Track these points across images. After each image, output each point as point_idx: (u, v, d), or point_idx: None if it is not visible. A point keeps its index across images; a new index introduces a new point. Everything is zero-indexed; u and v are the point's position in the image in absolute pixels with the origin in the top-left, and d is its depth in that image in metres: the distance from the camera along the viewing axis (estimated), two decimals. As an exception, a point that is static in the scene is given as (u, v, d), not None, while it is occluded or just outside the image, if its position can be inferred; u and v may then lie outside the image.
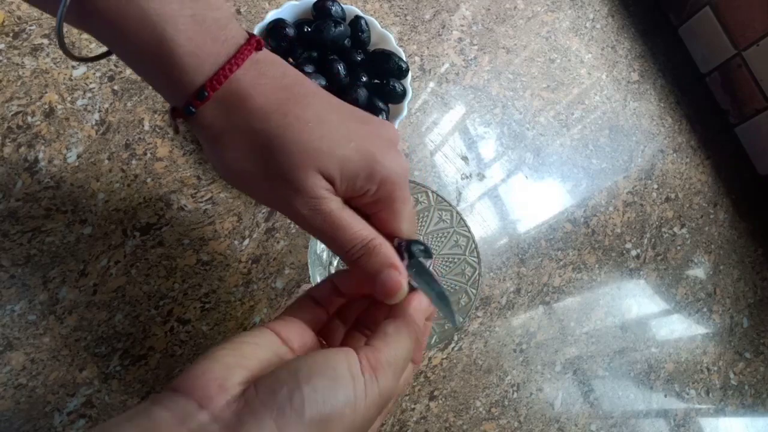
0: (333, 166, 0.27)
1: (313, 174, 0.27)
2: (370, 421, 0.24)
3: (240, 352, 0.24)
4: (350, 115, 0.30)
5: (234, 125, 0.27)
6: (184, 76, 0.26)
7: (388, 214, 0.30)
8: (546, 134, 0.64)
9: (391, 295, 0.28)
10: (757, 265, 0.71)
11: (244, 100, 0.27)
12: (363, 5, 0.59)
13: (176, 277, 0.43)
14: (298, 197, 0.27)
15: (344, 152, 0.27)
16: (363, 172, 0.28)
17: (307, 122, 0.27)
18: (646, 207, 0.67)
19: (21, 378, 0.37)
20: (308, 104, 0.28)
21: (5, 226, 0.39)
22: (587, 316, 0.57)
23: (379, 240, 0.29)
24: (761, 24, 0.69)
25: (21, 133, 0.42)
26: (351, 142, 0.28)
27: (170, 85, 0.27)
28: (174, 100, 0.28)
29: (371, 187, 0.28)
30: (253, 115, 0.27)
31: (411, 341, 0.27)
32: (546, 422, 0.51)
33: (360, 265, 0.28)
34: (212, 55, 0.26)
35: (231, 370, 0.23)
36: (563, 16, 0.72)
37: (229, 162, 0.28)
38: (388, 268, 0.28)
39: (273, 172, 0.27)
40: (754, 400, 0.63)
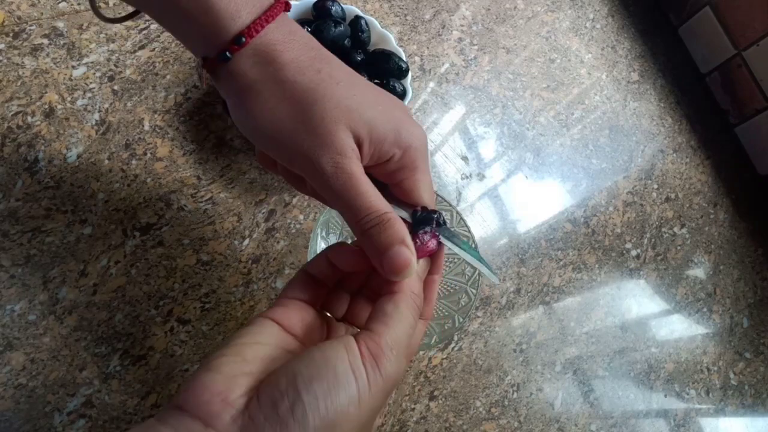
0: (363, 127, 0.27)
1: (343, 130, 0.27)
2: (377, 410, 0.24)
3: (241, 356, 0.24)
4: (372, 85, 0.30)
5: (268, 75, 0.27)
6: (220, 21, 0.27)
7: (411, 182, 0.30)
8: (546, 134, 0.64)
9: (398, 272, 0.27)
10: (757, 265, 0.71)
11: (279, 52, 0.27)
12: (363, 5, 0.59)
13: (176, 277, 0.43)
14: (324, 152, 0.27)
15: (373, 114, 0.28)
16: (390, 135, 0.28)
17: (338, 81, 0.28)
18: (646, 207, 0.67)
19: (21, 378, 0.37)
20: (338, 66, 0.29)
21: (5, 226, 0.39)
22: (587, 316, 0.57)
23: (393, 215, 0.28)
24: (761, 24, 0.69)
25: (21, 133, 0.42)
26: (379, 105, 0.28)
27: (205, 32, 0.27)
28: (206, 49, 0.28)
29: (396, 152, 0.29)
30: (287, 67, 0.27)
31: (412, 315, 0.26)
32: (546, 422, 0.51)
33: (370, 236, 0.27)
34: (248, 5, 0.27)
35: (233, 381, 0.22)
36: (563, 16, 0.72)
37: (259, 112, 0.28)
38: (400, 245, 0.27)
39: (303, 125, 0.27)
40: (754, 400, 0.63)
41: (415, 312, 0.27)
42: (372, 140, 0.28)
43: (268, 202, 0.48)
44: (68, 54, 0.45)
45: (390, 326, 0.25)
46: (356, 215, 0.28)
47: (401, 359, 0.24)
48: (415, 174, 0.30)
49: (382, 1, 0.60)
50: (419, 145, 0.29)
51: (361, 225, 0.28)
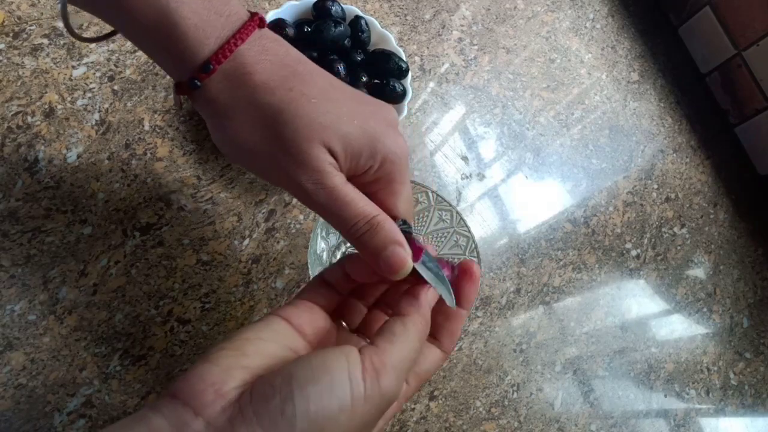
0: (337, 142, 0.27)
1: (318, 147, 0.27)
2: (369, 424, 0.23)
3: (241, 350, 0.24)
4: (352, 96, 0.30)
5: (238, 99, 0.27)
6: (188, 49, 0.26)
7: (387, 194, 0.30)
8: (546, 134, 0.64)
9: (395, 271, 0.27)
10: (757, 265, 0.71)
11: (249, 74, 0.27)
12: (363, 5, 0.59)
13: (176, 277, 0.43)
14: (302, 171, 0.27)
15: (348, 129, 0.27)
16: (366, 149, 0.28)
17: (311, 98, 0.27)
18: (646, 207, 0.67)
19: (21, 378, 0.37)
20: (312, 81, 0.28)
21: (5, 226, 0.39)
22: (587, 316, 0.57)
23: (383, 216, 0.28)
24: (761, 24, 0.69)
25: (21, 133, 0.42)
26: (354, 119, 0.28)
27: (174, 59, 0.27)
28: (178, 75, 0.28)
29: (374, 164, 0.28)
30: (258, 90, 0.27)
31: (418, 339, 0.26)
32: (546, 422, 0.51)
33: (364, 242, 0.28)
34: (217, 29, 0.26)
35: (229, 373, 0.22)
36: (563, 16, 0.72)
37: (234, 136, 0.28)
38: (393, 245, 0.28)
39: (278, 146, 0.27)
40: (754, 400, 0.63)
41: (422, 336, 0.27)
42: (347, 155, 0.28)
43: (268, 202, 0.48)
44: (68, 54, 0.45)
45: (395, 345, 0.25)
46: (346, 224, 0.28)
47: (401, 379, 0.24)
48: (390, 186, 0.30)
49: (382, 1, 0.60)
50: (395, 158, 0.29)
51: (353, 232, 0.28)
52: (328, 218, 0.29)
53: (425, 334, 0.27)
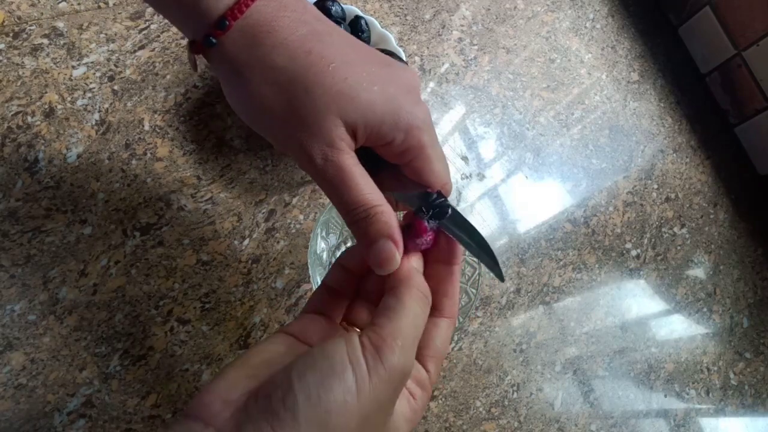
0: (356, 111, 0.26)
1: (333, 119, 0.26)
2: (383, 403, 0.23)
3: (247, 362, 0.24)
4: (372, 57, 0.28)
5: (256, 59, 0.26)
6: (203, 3, 0.25)
7: (421, 161, 0.29)
8: (546, 134, 0.64)
9: (381, 265, 0.27)
10: (757, 265, 0.71)
11: (267, 33, 0.26)
12: (363, 5, 0.59)
13: (176, 277, 0.43)
14: (314, 143, 0.26)
15: (369, 96, 0.26)
16: (388, 118, 0.27)
17: (330, 62, 0.26)
18: (646, 207, 0.67)
19: (21, 378, 0.37)
20: (331, 43, 0.27)
21: (5, 226, 0.39)
22: (587, 316, 0.57)
23: (385, 208, 0.27)
24: (761, 24, 0.69)
25: (21, 133, 0.42)
26: (375, 85, 0.27)
27: (189, 15, 0.26)
28: (193, 32, 0.27)
29: (397, 135, 0.28)
30: (275, 50, 0.26)
31: (417, 305, 0.26)
32: (546, 422, 0.51)
33: (359, 228, 0.27)
34: None
35: (236, 383, 0.22)
36: (563, 16, 0.72)
37: (249, 97, 0.27)
38: (385, 239, 0.27)
39: (293, 113, 0.26)
40: (754, 400, 0.63)
41: (421, 301, 0.26)
42: (367, 125, 0.27)
43: (268, 202, 0.48)
44: (68, 54, 0.45)
45: (392, 318, 0.24)
46: (346, 207, 0.27)
47: (406, 350, 0.24)
48: (422, 153, 0.29)
49: (382, 1, 0.60)
50: (421, 123, 0.28)
51: (350, 216, 0.27)
52: (331, 196, 0.28)
53: (424, 301, 0.26)
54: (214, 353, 0.42)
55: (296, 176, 0.49)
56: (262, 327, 0.44)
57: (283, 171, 0.49)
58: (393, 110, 0.27)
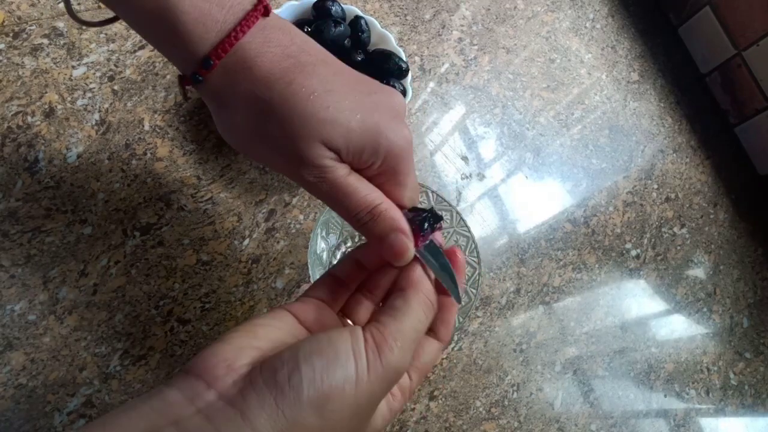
0: (338, 138, 0.27)
1: (316, 145, 0.27)
2: (375, 397, 0.24)
3: (253, 333, 0.25)
4: (356, 84, 0.29)
5: (239, 92, 0.27)
6: (189, 44, 0.26)
7: (392, 185, 0.30)
8: (546, 134, 0.64)
9: (397, 257, 0.28)
10: (757, 265, 0.71)
11: (249, 68, 0.26)
12: (363, 5, 0.59)
13: (176, 277, 0.43)
14: (302, 167, 0.27)
15: (350, 125, 0.27)
16: (369, 145, 0.28)
17: (312, 92, 0.26)
18: (646, 207, 0.67)
19: (21, 378, 0.37)
20: (314, 72, 0.27)
21: (5, 226, 0.39)
22: (587, 316, 0.57)
23: (386, 204, 0.29)
24: (761, 24, 0.69)
25: (21, 133, 0.42)
26: (357, 114, 0.27)
27: (177, 53, 0.27)
28: (182, 68, 0.28)
29: (376, 160, 0.28)
30: (257, 84, 0.26)
31: (422, 311, 0.27)
32: (546, 422, 0.51)
33: (368, 230, 0.29)
34: (218, 23, 0.26)
35: (241, 351, 0.23)
36: (563, 16, 0.72)
37: (235, 129, 0.28)
38: (395, 232, 0.28)
39: (277, 142, 0.27)
40: (754, 400, 0.63)
41: (426, 308, 0.27)
42: (349, 150, 0.27)
43: (268, 202, 0.48)
44: (68, 54, 0.45)
45: (397, 319, 0.25)
46: (349, 214, 0.29)
47: (404, 352, 0.25)
48: (395, 178, 0.30)
49: (382, 1, 0.60)
50: (399, 150, 0.29)
51: (356, 221, 0.29)
52: (333, 207, 0.29)
53: (429, 307, 0.28)
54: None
55: (296, 176, 0.49)
56: (262, 327, 0.44)
57: (283, 171, 0.49)
58: (373, 137, 0.28)
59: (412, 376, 0.29)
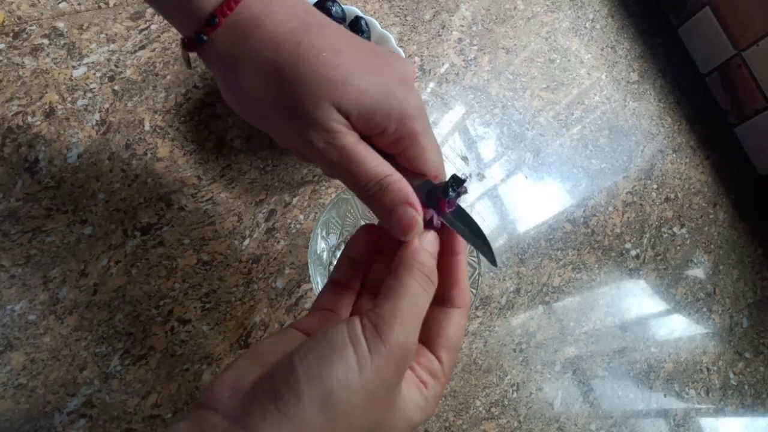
0: (348, 100, 0.26)
1: (327, 107, 0.26)
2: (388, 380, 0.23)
3: (257, 353, 0.25)
4: (365, 47, 0.28)
5: (246, 53, 0.26)
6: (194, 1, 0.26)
7: (414, 150, 0.29)
8: (546, 134, 0.64)
9: (406, 231, 0.27)
10: (757, 265, 0.71)
11: (256, 27, 0.26)
12: (363, 5, 0.59)
13: (176, 277, 0.43)
14: (312, 130, 0.26)
15: (360, 84, 0.26)
16: (380, 107, 0.27)
17: (321, 52, 0.26)
18: (645, 207, 0.67)
19: (21, 378, 0.37)
20: (321, 33, 0.27)
21: (5, 226, 0.39)
22: (587, 316, 0.57)
23: (396, 176, 0.28)
24: (761, 24, 0.69)
25: (21, 133, 0.42)
26: (366, 74, 0.27)
27: (180, 13, 0.27)
28: (185, 30, 0.27)
29: (389, 124, 0.27)
30: (265, 44, 0.26)
31: (417, 284, 0.26)
32: (546, 422, 0.51)
33: (375, 201, 0.28)
34: None
35: (245, 371, 0.23)
36: (563, 17, 0.72)
37: (243, 92, 0.27)
38: (403, 205, 0.27)
39: (286, 104, 0.26)
40: (754, 400, 0.63)
41: (422, 280, 0.26)
42: (360, 114, 0.27)
43: (269, 202, 0.48)
44: (68, 54, 0.45)
45: (391, 298, 0.25)
46: (357, 184, 0.27)
47: (406, 328, 0.24)
48: (414, 142, 0.29)
49: (382, 1, 0.60)
50: (413, 112, 0.28)
51: (364, 191, 0.28)
52: (340, 176, 0.28)
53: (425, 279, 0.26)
54: (214, 353, 0.42)
55: (296, 176, 0.49)
56: (263, 327, 0.44)
57: (284, 171, 0.49)
58: (385, 99, 0.27)
59: (441, 356, 0.28)
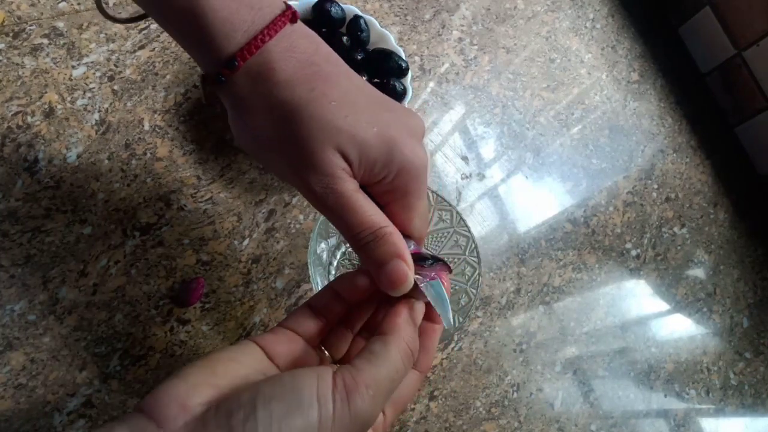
0: (352, 148, 0.26)
1: (331, 151, 0.26)
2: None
3: (211, 369, 0.23)
4: (377, 101, 0.29)
5: (259, 93, 0.27)
6: (215, 42, 0.26)
7: (401, 206, 0.29)
8: (546, 134, 0.64)
9: (395, 286, 0.27)
10: (757, 265, 0.71)
11: (272, 71, 0.26)
12: (363, 5, 0.59)
13: (176, 277, 0.43)
14: (312, 173, 0.26)
15: (365, 136, 0.27)
16: (382, 158, 0.27)
17: (332, 100, 0.26)
18: (646, 207, 0.67)
19: (21, 378, 0.37)
20: (336, 83, 0.27)
21: (5, 226, 0.39)
22: (587, 316, 0.57)
23: (391, 228, 0.27)
24: (761, 24, 0.69)
25: (21, 133, 0.42)
26: (374, 127, 0.27)
27: (202, 51, 0.27)
28: (206, 67, 0.28)
29: (388, 174, 0.28)
30: (279, 86, 0.26)
31: (401, 360, 0.25)
32: (546, 422, 0.51)
33: (367, 252, 0.27)
34: (246, 23, 0.26)
35: (196, 389, 0.22)
36: (563, 16, 0.72)
37: (250, 130, 0.28)
38: (396, 259, 0.27)
39: (291, 145, 0.26)
40: (754, 400, 0.63)
41: (406, 357, 0.25)
42: (362, 163, 0.27)
43: (268, 202, 0.48)
44: (68, 54, 0.45)
45: (373, 364, 0.24)
46: (351, 231, 0.27)
47: (377, 401, 0.23)
48: (404, 198, 0.29)
49: (382, 0, 0.60)
50: (412, 168, 0.28)
51: (357, 240, 0.27)
52: (335, 223, 0.28)
53: (409, 357, 0.26)
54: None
55: (296, 176, 0.49)
56: (262, 327, 0.44)
57: (283, 171, 0.49)
58: (388, 150, 0.27)
59: (387, 411, 0.27)
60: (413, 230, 0.30)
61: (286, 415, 0.21)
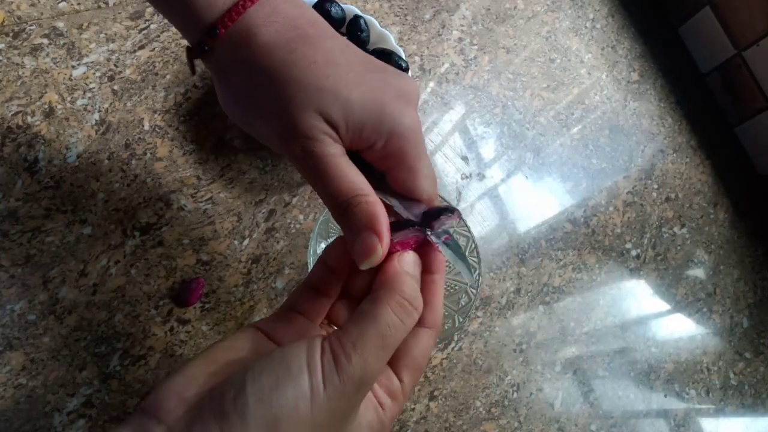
0: (336, 109, 0.25)
1: (310, 114, 0.25)
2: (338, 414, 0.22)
3: (211, 359, 0.23)
4: (364, 62, 0.28)
5: (241, 59, 0.26)
6: (198, 11, 0.26)
7: (403, 171, 0.28)
8: (546, 134, 0.64)
9: (362, 258, 0.25)
10: (757, 265, 0.71)
11: (254, 36, 0.26)
12: (363, 5, 0.59)
13: (176, 277, 0.43)
14: (292, 136, 0.26)
15: (350, 96, 0.25)
16: (370, 121, 0.26)
17: (312, 61, 0.26)
18: (646, 207, 0.67)
19: (21, 378, 0.37)
20: (318, 45, 0.26)
21: (5, 226, 0.39)
22: (587, 316, 0.57)
23: (371, 198, 0.26)
24: (761, 24, 0.69)
25: (21, 133, 0.42)
26: (360, 86, 0.26)
27: (186, 22, 0.27)
28: (190, 37, 0.28)
29: (378, 139, 0.27)
30: (259, 50, 0.26)
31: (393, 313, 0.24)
32: (546, 422, 0.51)
33: (342, 221, 0.26)
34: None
35: (193, 380, 0.22)
36: (563, 16, 0.72)
37: (231, 96, 0.28)
38: (368, 231, 0.25)
39: (271, 109, 0.26)
40: (754, 400, 0.63)
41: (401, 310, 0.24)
42: (349, 125, 0.26)
43: (268, 202, 0.48)
44: (68, 54, 0.45)
45: (359, 324, 0.23)
46: (328, 197, 0.26)
47: (369, 361, 0.22)
48: (403, 162, 0.27)
49: (382, 1, 0.60)
50: (404, 131, 0.27)
51: (335, 207, 0.26)
52: (316, 187, 0.27)
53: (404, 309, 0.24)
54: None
55: (296, 176, 0.49)
56: (262, 327, 0.44)
57: (283, 171, 0.49)
58: (376, 113, 0.26)
59: (403, 376, 0.26)
60: (421, 193, 0.28)
61: (277, 386, 0.20)
